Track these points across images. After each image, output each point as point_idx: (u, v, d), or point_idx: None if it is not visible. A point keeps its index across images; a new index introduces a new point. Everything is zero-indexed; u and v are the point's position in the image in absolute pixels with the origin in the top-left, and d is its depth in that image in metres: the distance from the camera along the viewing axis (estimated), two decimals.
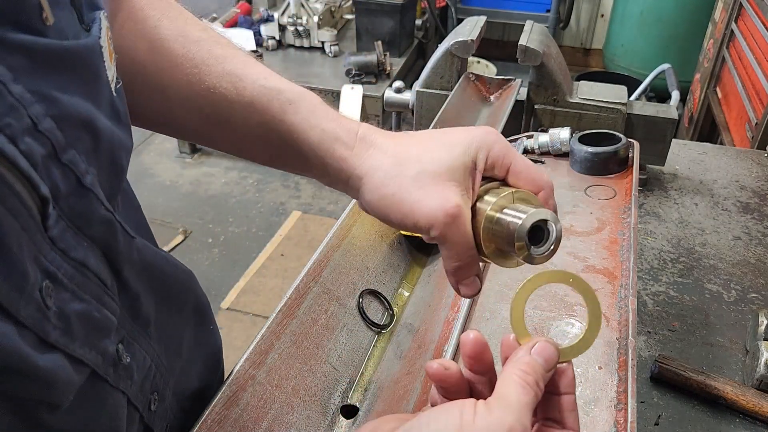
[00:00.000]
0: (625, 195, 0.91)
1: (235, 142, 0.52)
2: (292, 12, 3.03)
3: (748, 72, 1.94)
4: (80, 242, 0.35)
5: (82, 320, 0.35)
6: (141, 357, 0.44)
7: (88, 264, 0.36)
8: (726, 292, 0.97)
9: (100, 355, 0.37)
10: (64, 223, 0.33)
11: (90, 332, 0.36)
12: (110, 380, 0.39)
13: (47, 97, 0.32)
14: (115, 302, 0.39)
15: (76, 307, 0.34)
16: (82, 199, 0.35)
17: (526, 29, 1.17)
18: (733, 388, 0.77)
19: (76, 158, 0.34)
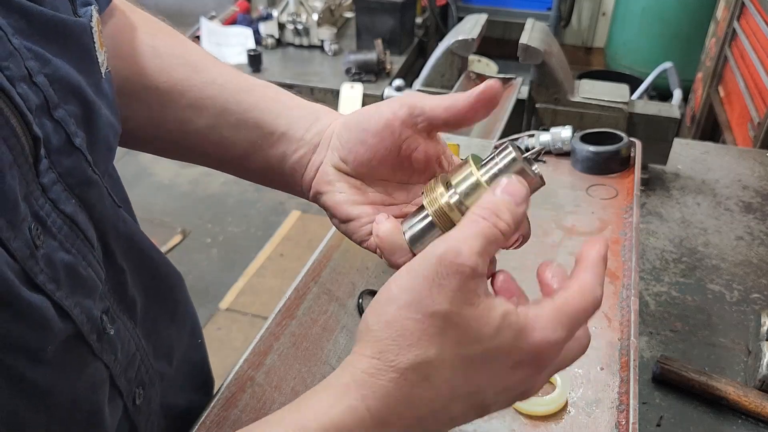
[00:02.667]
0: (626, 194, 0.90)
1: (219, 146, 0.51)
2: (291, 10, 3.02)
3: (750, 71, 1.93)
4: (69, 198, 0.36)
5: (68, 272, 0.36)
6: (125, 338, 0.44)
7: (76, 220, 0.37)
8: (728, 293, 0.96)
9: (85, 314, 0.38)
10: (55, 175, 0.35)
11: (76, 287, 0.37)
12: (93, 347, 0.39)
13: (41, 57, 0.34)
14: (100, 266, 0.40)
15: (64, 257, 0.35)
16: (72, 156, 0.36)
17: (527, 27, 1.16)
18: (736, 389, 0.76)
19: (66, 118, 0.36)
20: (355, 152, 0.45)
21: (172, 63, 0.50)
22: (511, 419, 0.58)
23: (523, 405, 0.58)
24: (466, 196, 0.40)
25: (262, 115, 0.48)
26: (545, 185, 0.43)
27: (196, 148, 0.51)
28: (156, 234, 2.56)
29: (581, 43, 4.02)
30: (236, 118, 0.48)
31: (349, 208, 0.46)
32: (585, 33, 3.99)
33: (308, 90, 2.73)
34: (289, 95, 0.51)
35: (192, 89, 0.49)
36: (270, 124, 0.48)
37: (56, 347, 0.35)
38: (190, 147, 0.51)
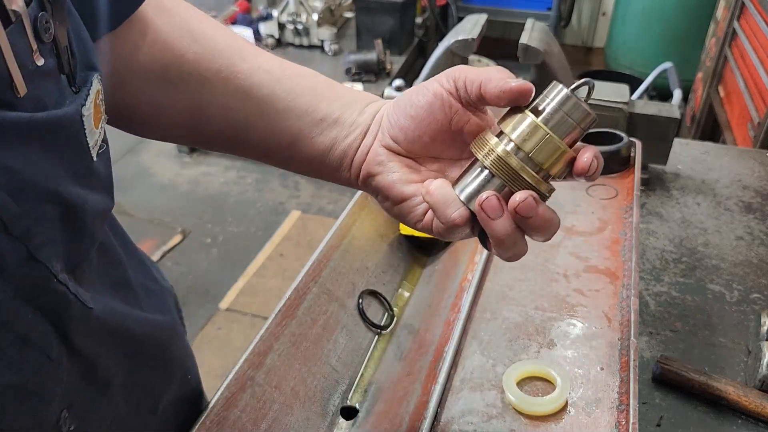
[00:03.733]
0: (626, 194, 0.90)
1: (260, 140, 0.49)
2: (291, 10, 3.02)
3: (750, 71, 1.93)
4: (25, 314, 0.33)
5: (15, 393, 0.33)
6: (94, 420, 0.42)
7: (30, 338, 0.34)
8: (728, 293, 0.96)
9: (38, 424, 0.35)
10: (11, 292, 0.32)
11: (25, 403, 0.34)
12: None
13: (8, 170, 0.31)
14: (60, 371, 0.37)
15: (11, 379, 0.33)
16: (33, 271, 0.33)
17: (527, 28, 1.16)
18: (736, 389, 0.76)
19: (30, 231, 0.33)
20: (405, 129, 0.44)
21: (216, 50, 0.48)
22: (511, 419, 0.58)
23: (523, 405, 0.58)
24: (522, 139, 0.39)
25: (313, 99, 0.47)
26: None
27: (241, 137, 0.49)
28: (156, 234, 2.56)
29: (581, 43, 4.02)
30: (285, 104, 0.47)
31: (404, 187, 0.45)
32: (585, 33, 3.99)
33: None
34: (337, 84, 0.50)
35: (237, 75, 0.47)
36: (321, 110, 0.47)
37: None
38: (234, 137, 0.49)
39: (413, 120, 0.43)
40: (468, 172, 0.41)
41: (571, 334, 0.67)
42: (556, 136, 0.39)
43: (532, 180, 0.40)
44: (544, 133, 0.39)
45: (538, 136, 0.39)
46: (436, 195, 0.41)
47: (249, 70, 0.48)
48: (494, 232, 0.41)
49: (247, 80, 0.47)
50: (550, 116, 0.39)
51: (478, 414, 0.58)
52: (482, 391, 0.61)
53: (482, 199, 0.40)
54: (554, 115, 0.39)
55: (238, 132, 0.48)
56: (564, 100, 0.39)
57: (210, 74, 0.47)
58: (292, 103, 0.47)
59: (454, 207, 0.41)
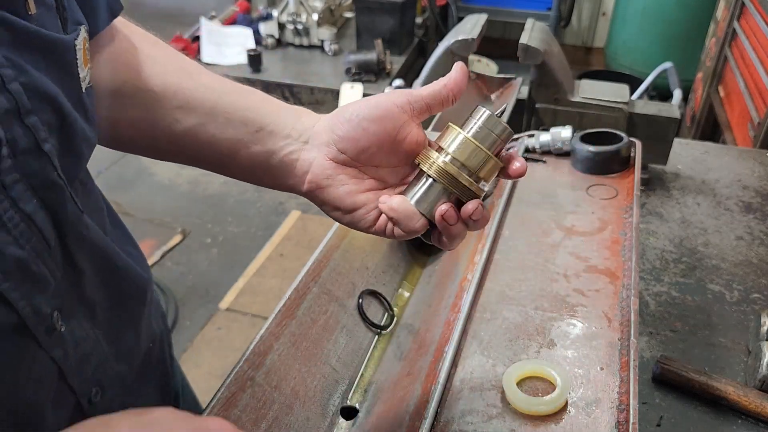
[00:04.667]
0: (626, 194, 0.90)
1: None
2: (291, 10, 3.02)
3: (750, 71, 1.93)
4: (31, 198, 0.39)
5: (18, 266, 0.39)
6: (81, 336, 0.46)
7: (34, 219, 0.39)
8: (728, 293, 0.96)
9: (31, 308, 0.40)
10: (18, 175, 0.38)
11: (25, 281, 0.39)
12: (40, 340, 0.41)
13: (20, 67, 0.37)
14: (55, 265, 0.42)
15: (16, 252, 0.38)
16: (38, 160, 0.39)
17: (527, 27, 1.16)
18: (736, 389, 0.76)
19: (38, 125, 0.39)
20: (355, 140, 0.50)
21: (167, 69, 0.54)
22: (511, 419, 0.58)
23: (523, 405, 0.58)
24: (457, 151, 0.49)
25: (249, 113, 0.52)
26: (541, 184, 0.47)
27: (187, 147, 0.54)
28: (156, 234, 2.56)
29: (581, 43, 4.02)
30: (225, 117, 0.52)
31: (355, 198, 0.51)
32: (585, 33, 3.99)
33: (308, 90, 2.73)
34: (273, 99, 0.55)
35: (183, 91, 0.53)
36: (257, 122, 0.52)
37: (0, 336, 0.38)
38: (181, 146, 0.54)
39: (364, 132, 0.49)
40: (415, 182, 0.50)
41: (571, 334, 0.67)
42: (482, 147, 0.49)
43: (467, 183, 0.49)
44: (474, 145, 0.49)
45: (469, 148, 0.49)
46: (399, 211, 0.49)
47: (194, 87, 0.53)
48: (451, 233, 0.50)
49: (192, 95, 0.53)
50: (476, 132, 0.49)
51: (478, 414, 0.58)
52: (482, 391, 0.61)
53: (443, 210, 0.49)
54: (480, 131, 0.49)
55: (185, 143, 0.53)
56: (486, 119, 0.49)
57: (159, 89, 0.53)
58: (232, 116, 0.52)
59: (416, 219, 0.49)
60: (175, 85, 0.53)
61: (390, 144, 0.49)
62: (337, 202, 0.51)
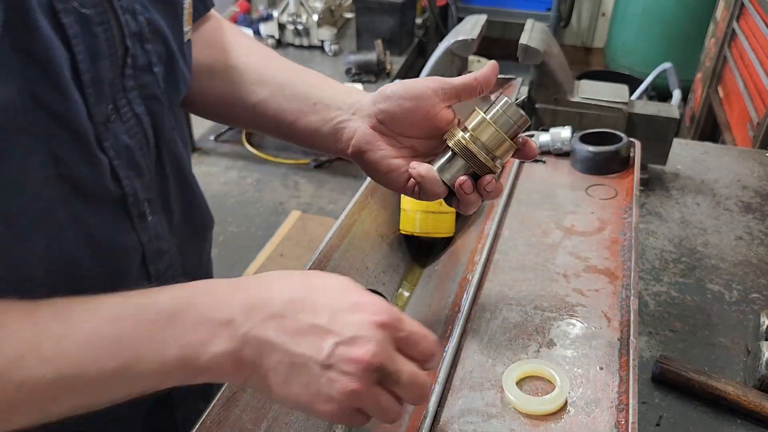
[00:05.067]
0: (626, 195, 0.90)
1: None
2: (291, 10, 3.02)
3: (749, 71, 1.93)
4: (140, 104, 0.51)
5: (126, 152, 0.49)
6: (161, 232, 0.56)
7: (141, 120, 0.51)
8: (728, 293, 0.96)
9: (133, 190, 0.51)
10: (134, 83, 0.50)
11: (130, 167, 0.50)
12: (134, 221, 0.52)
13: (145, 6, 0.50)
14: (150, 162, 0.53)
15: (126, 140, 0.49)
16: (149, 77, 0.51)
17: (526, 28, 1.16)
18: (735, 389, 0.76)
19: (152, 51, 0.51)
20: (392, 114, 0.59)
21: (248, 51, 0.67)
22: (511, 419, 0.58)
23: (522, 404, 0.59)
24: (478, 132, 0.57)
25: (310, 89, 0.64)
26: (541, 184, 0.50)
27: (258, 116, 0.65)
28: None
29: (581, 44, 4.02)
30: (290, 91, 0.64)
31: (390, 161, 0.60)
32: (584, 33, 3.99)
33: None
34: (329, 79, 0.66)
35: (259, 69, 0.66)
36: (315, 96, 0.63)
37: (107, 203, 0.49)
38: (254, 115, 0.66)
39: (400, 108, 0.58)
40: (442, 155, 0.59)
41: (570, 333, 0.67)
42: (500, 131, 0.57)
43: (484, 160, 0.57)
44: (493, 128, 0.57)
45: (489, 131, 0.57)
46: (426, 177, 0.58)
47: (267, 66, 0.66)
48: (467, 200, 0.58)
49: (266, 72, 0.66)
50: (496, 118, 0.57)
51: (478, 414, 0.59)
52: (482, 391, 0.61)
53: (461, 181, 0.57)
54: (500, 117, 0.57)
55: (258, 112, 0.65)
56: (506, 107, 0.57)
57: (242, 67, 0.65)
58: (296, 91, 0.64)
59: (438, 186, 0.58)
60: (253, 64, 0.66)
61: (422, 120, 0.58)
62: (375, 165, 0.61)
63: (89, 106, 0.44)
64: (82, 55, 0.43)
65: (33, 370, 0.38)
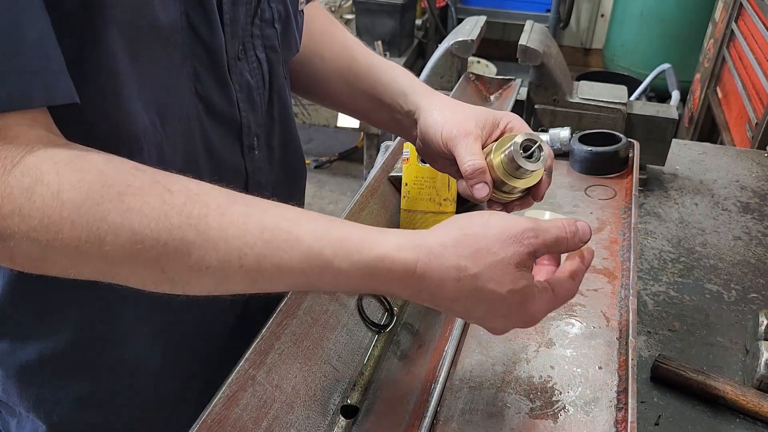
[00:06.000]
0: (625, 195, 0.91)
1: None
2: None
3: (748, 72, 1.94)
4: (263, 51, 0.60)
5: (248, 90, 0.58)
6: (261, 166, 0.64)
7: (261, 63, 0.60)
8: (726, 292, 0.97)
9: (248, 123, 0.59)
10: (259, 31, 0.59)
11: (249, 101, 0.59)
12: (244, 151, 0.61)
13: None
14: (263, 102, 0.62)
15: (249, 79, 0.58)
16: (271, 29, 0.60)
17: (526, 29, 1.17)
18: (734, 388, 0.76)
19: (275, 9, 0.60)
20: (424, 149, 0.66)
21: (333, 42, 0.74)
22: (511, 419, 0.58)
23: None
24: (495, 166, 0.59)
25: (377, 88, 0.70)
26: None
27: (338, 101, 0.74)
28: None
29: (580, 45, 4.02)
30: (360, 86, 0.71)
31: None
32: (584, 34, 3.99)
33: None
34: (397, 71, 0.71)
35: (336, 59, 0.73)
36: (386, 95, 0.70)
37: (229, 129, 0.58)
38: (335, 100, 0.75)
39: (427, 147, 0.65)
40: None
41: (569, 333, 0.67)
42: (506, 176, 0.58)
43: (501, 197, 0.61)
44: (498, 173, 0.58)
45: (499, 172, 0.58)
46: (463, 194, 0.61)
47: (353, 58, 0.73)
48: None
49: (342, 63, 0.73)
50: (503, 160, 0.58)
51: (478, 413, 0.59)
52: (481, 390, 0.61)
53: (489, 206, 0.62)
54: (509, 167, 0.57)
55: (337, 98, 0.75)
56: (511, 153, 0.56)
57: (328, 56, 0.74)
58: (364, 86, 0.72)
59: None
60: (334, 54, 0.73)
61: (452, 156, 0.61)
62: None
63: (226, 40, 0.53)
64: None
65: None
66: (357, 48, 0.74)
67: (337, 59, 0.73)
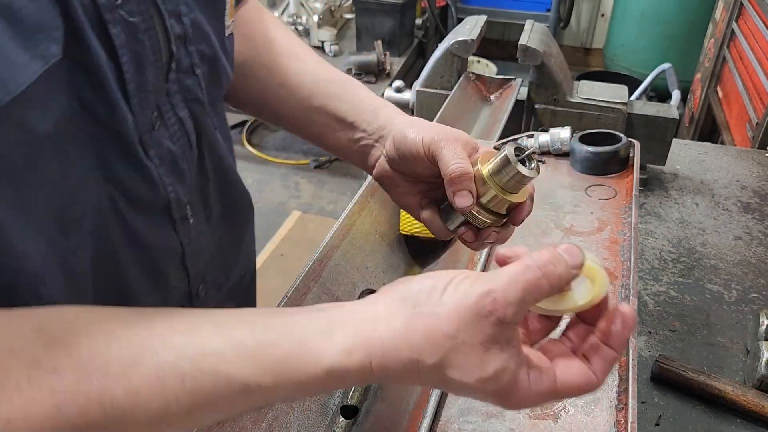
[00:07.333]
0: (625, 195, 0.90)
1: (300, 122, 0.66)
2: (291, 11, 3.02)
3: (748, 71, 1.93)
4: (183, 107, 0.49)
5: (170, 158, 0.48)
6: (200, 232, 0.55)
7: (185, 124, 0.50)
8: (727, 292, 0.97)
9: (176, 195, 0.50)
10: (177, 87, 0.48)
11: (173, 172, 0.49)
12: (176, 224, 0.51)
13: (190, 6, 0.48)
14: (192, 165, 0.52)
15: (170, 146, 0.48)
16: (192, 79, 0.50)
17: (526, 29, 1.17)
18: (734, 389, 0.76)
19: (194, 53, 0.49)
20: (398, 164, 0.59)
21: (280, 50, 0.65)
22: (510, 419, 0.58)
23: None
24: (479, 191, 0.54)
25: (338, 104, 0.63)
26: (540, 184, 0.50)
27: (288, 120, 0.66)
28: None
29: (580, 44, 4.02)
30: (320, 102, 0.63)
31: (403, 198, 0.61)
32: (584, 34, 3.99)
33: None
34: (360, 91, 0.65)
35: (288, 72, 0.64)
36: (341, 113, 0.62)
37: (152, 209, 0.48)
38: (284, 119, 0.66)
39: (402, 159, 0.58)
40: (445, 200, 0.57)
41: None
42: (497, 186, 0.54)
43: (482, 217, 0.55)
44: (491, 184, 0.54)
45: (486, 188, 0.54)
46: (428, 223, 0.59)
47: (298, 70, 0.65)
48: (471, 247, 0.59)
49: (296, 78, 0.64)
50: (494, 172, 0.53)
51: (478, 413, 0.59)
52: None
53: (462, 232, 0.57)
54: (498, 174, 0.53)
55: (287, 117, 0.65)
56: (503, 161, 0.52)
57: (273, 68, 0.64)
58: (323, 103, 0.63)
59: (441, 233, 0.59)
60: (283, 66, 0.64)
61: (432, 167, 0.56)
62: (394, 198, 0.62)
63: (134, 114, 0.43)
64: (127, 65, 0.42)
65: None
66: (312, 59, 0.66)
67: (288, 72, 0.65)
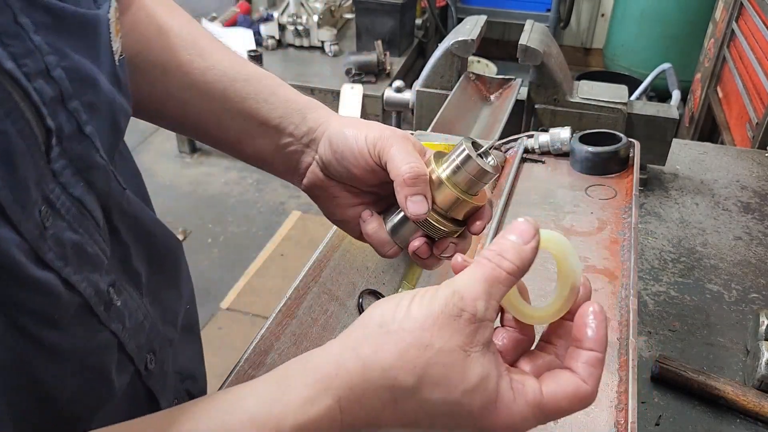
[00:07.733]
0: (625, 195, 0.90)
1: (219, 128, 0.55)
2: (291, 11, 3.02)
3: (748, 71, 1.93)
4: (78, 182, 0.39)
5: (75, 250, 0.38)
6: (133, 307, 0.46)
7: (84, 202, 0.39)
8: (727, 292, 0.97)
9: (92, 288, 0.40)
10: (65, 161, 0.37)
11: (83, 263, 0.39)
12: (101, 317, 0.42)
13: (61, 51, 0.36)
14: (106, 243, 0.42)
15: (71, 237, 0.38)
16: (82, 143, 0.39)
17: (526, 29, 1.17)
18: (734, 389, 0.76)
19: (79, 108, 0.38)
20: (335, 168, 0.50)
21: (179, 44, 0.53)
22: None
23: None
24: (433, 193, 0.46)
25: (257, 105, 0.52)
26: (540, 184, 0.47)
27: (198, 128, 0.55)
28: None
29: (580, 44, 4.02)
30: (234, 105, 0.52)
31: (346, 211, 0.51)
32: (584, 34, 3.99)
33: (308, 91, 2.73)
34: (283, 90, 0.54)
35: (194, 72, 0.52)
36: (261, 115, 0.52)
37: (67, 315, 0.38)
38: (192, 126, 0.55)
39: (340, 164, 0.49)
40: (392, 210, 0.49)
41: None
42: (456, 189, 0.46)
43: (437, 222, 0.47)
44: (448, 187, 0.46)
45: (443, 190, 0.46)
46: (373, 237, 0.50)
47: (205, 69, 0.52)
48: (425, 264, 0.50)
49: (203, 77, 0.52)
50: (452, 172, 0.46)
51: None
52: None
53: (415, 247, 0.48)
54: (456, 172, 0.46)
55: (196, 124, 0.54)
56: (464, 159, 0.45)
57: (172, 66, 0.52)
58: (240, 105, 0.52)
59: (388, 247, 0.50)
60: (186, 65, 0.52)
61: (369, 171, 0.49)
62: (328, 212, 0.52)
63: (15, 224, 0.33)
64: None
65: None
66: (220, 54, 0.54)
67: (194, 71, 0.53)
